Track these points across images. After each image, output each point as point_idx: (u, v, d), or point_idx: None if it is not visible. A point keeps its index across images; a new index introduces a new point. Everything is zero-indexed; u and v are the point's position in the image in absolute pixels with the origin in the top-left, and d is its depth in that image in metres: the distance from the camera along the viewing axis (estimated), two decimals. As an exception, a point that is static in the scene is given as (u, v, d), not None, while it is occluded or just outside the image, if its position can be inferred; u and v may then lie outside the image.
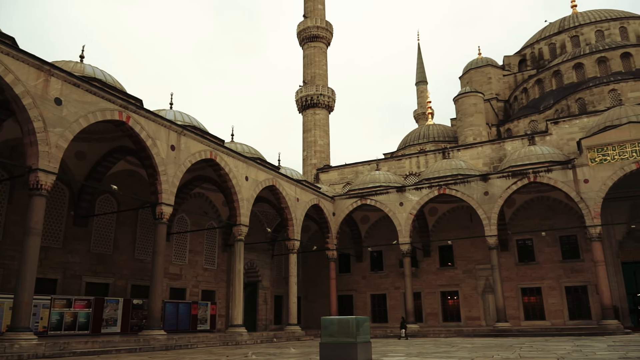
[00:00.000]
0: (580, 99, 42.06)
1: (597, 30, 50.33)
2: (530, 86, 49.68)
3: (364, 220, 40.35)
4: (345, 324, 12.63)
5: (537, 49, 54.49)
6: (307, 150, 48.39)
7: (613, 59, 44.24)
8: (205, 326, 27.91)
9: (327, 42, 52.56)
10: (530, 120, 45.46)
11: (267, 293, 35.88)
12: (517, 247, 35.63)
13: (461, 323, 35.66)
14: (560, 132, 37.19)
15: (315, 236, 39.58)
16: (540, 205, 35.15)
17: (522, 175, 31.74)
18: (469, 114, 45.19)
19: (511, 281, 34.59)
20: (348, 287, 40.00)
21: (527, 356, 15.33)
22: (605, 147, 29.97)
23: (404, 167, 42.92)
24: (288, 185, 31.82)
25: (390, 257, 38.91)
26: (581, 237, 32.91)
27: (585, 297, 32.80)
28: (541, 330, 30.62)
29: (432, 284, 37.48)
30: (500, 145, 39.50)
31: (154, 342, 19.89)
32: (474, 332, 31.44)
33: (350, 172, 45.10)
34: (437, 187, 34.13)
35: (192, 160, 23.73)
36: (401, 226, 34.58)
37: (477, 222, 33.24)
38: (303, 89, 49.89)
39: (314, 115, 49.04)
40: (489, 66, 53.90)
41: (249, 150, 33.69)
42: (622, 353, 15.63)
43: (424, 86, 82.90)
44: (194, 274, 29.96)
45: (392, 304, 38.52)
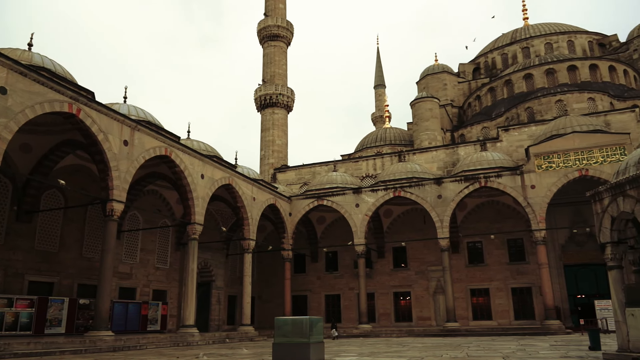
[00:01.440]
0: (529, 108, 43.84)
1: (547, 42, 52.62)
2: (483, 94, 51.32)
3: (320, 221, 40.52)
4: (298, 324, 12.65)
5: (491, 58, 56.40)
6: (264, 149, 48.11)
7: (560, 71, 46.37)
8: (156, 327, 27.22)
9: (288, 42, 52.45)
10: (482, 127, 46.96)
11: (221, 293, 35.41)
12: (468, 249, 36.73)
13: (412, 323, 36.40)
14: (510, 139, 38.62)
15: (271, 236, 39.41)
16: (490, 209, 36.37)
17: (474, 180, 32.76)
18: (424, 119, 46.19)
19: (461, 282, 35.62)
20: (303, 287, 40.04)
21: (475, 355, 15.83)
22: (551, 154, 31.41)
23: (360, 168, 43.39)
24: (245, 184, 31.53)
25: (345, 258, 39.24)
26: (527, 241, 34.28)
27: (530, 298, 34.20)
28: (488, 330, 31.70)
29: (386, 284, 38.07)
30: (454, 150, 40.61)
31: (101, 343, 19.24)
32: (425, 332, 32.18)
33: (307, 172, 45.18)
34: (393, 190, 34.72)
35: (146, 156, 23.13)
36: (357, 227, 34.95)
37: (430, 224, 34.03)
38: (262, 88, 49.58)
39: (273, 115, 48.82)
40: (444, 73, 55.30)
41: (205, 147, 33.16)
42: (563, 352, 16.40)
43: (382, 90, 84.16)
44: (145, 273, 29.19)
45: (346, 304, 38.86)
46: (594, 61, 46.90)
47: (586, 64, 46.40)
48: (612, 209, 13.34)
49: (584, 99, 41.86)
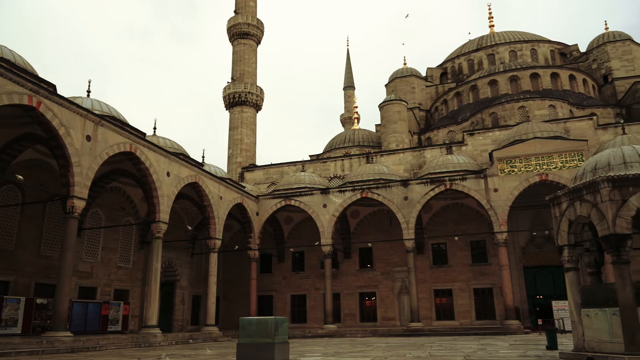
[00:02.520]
0: (493, 113, 44.97)
1: (511, 50, 54.12)
2: (450, 98, 52.34)
3: (287, 221, 40.43)
4: (263, 324, 12.59)
5: (458, 63, 57.57)
6: (232, 148, 47.66)
7: (523, 78, 47.76)
8: (117, 327, 26.59)
9: (258, 40, 52.14)
10: (448, 131, 47.89)
11: (185, 293, 34.88)
12: (432, 250, 37.37)
13: (377, 323, 36.77)
14: (475, 143, 39.51)
15: (238, 235, 39.08)
16: (454, 212, 37.11)
17: (440, 182, 33.36)
18: (392, 121, 46.74)
19: (425, 283, 36.21)
20: (269, 287, 39.87)
21: (437, 355, 16.12)
22: (514, 159, 32.31)
23: (329, 169, 43.54)
24: (212, 182, 31.17)
25: (312, 258, 39.29)
26: (489, 243, 35.14)
27: (491, 298, 35.08)
28: (451, 329, 32.33)
29: (352, 285, 38.32)
30: (421, 153, 41.24)
31: (59, 344, 18.64)
32: (389, 331, 32.55)
33: (275, 172, 45.02)
34: (360, 191, 34.99)
35: (109, 152, 22.55)
36: (324, 228, 35.05)
37: (396, 225, 34.46)
38: (231, 86, 49.11)
39: (242, 113, 48.42)
40: (413, 76, 56.10)
41: (172, 145, 32.59)
42: (521, 352, 16.88)
43: (351, 91, 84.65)
44: (107, 273, 28.45)
45: (312, 304, 38.91)
46: (555, 70, 48.52)
47: (548, 72, 47.94)
48: (569, 213, 13.82)
49: (545, 106, 43.24)
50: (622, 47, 50.11)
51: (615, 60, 49.83)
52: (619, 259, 12.23)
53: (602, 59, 50.73)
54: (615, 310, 12.12)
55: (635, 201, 12.26)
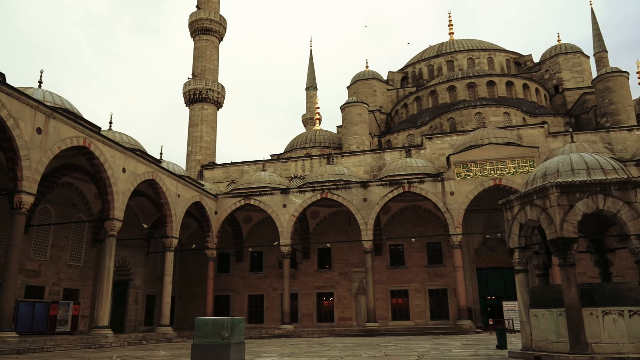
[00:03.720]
0: (451, 118, 46.12)
1: (469, 58, 55.68)
2: (410, 102, 53.29)
3: (246, 220, 40.09)
4: (219, 324, 12.42)
5: (418, 68, 58.72)
6: (192, 145, 46.83)
7: (480, 86, 49.22)
8: (66, 328, 25.61)
9: (220, 37, 51.47)
10: (408, 134, 48.74)
11: (139, 292, 33.99)
12: (390, 251, 37.93)
13: (334, 323, 36.98)
14: (433, 147, 40.39)
15: (195, 234, 38.44)
16: (412, 214, 37.80)
17: (398, 185, 33.91)
18: (354, 123, 47.14)
19: (382, 284, 36.71)
20: (226, 287, 39.41)
21: (392, 354, 16.38)
22: (469, 163, 33.24)
23: (289, 169, 43.47)
24: (169, 180, 30.53)
25: (271, 258, 39.11)
26: (445, 244, 36.00)
27: (445, 299, 35.94)
28: (406, 329, 32.91)
29: (310, 285, 38.39)
30: (381, 155, 41.79)
31: (4, 344, 17.78)
32: (346, 332, 32.80)
33: (235, 170, 44.56)
34: (320, 191, 35.11)
35: (61, 146, 21.71)
36: (283, 228, 34.96)
37: (355, 226, 34.77)
38: (192, 82, 48.25)
39: (202, 110, 47.65)
40: (374, 79, 56.77)
41: (128, 140, 31.70)
42: (473, 351, 17.37)
43: (313, 92, 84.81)
44: (56, 271, 27.36)
45: (269, 304, 38.73)
46: (510, 78, 50.27)
47: (503, 81, 49.61)
48: (520, 216, 14.34)
49: (500, 113, 44.70)
50: (573, 59, 52.45)
51: (566, 71, 52.11)
52: (565, 262, 12.79)
53: (554, 70, 52.93)
54: (562, 311, 12.66)
55: (581, 206, 12.85)
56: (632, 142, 36.96)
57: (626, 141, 37.21)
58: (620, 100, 42.75)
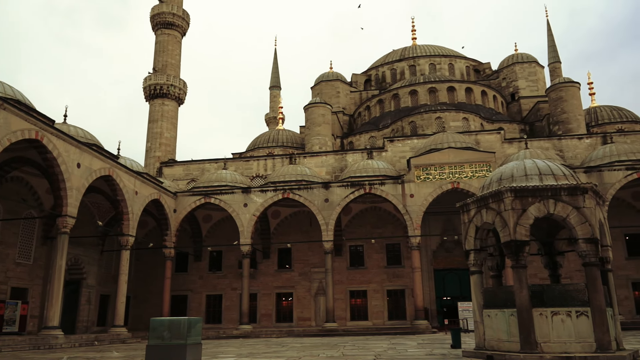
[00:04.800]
0: (412, 122, 46.95)
1: (431, 63, 56.86)
2: (373, 105, 53.90)
3: (206, 219, 39.51)
4: (176, 325, 12.20)
5: (381, 71, 59.47)
6: (151, 141, 45.75)
7: (441, 91, 50.35)
8: (14, 328, 24.55)
9: (183, 32, 50.52)
10: (370, 136, 49.28)
11: (92, 292, 32.93)
12: (350, 252, 38.22)
13: (293, 324, 36.94)
14: (394, 150, 41.00)
15: (153, 233, 37.58)
16: (372, 215, 38.23)
17: (360, 186, 34.24)
18: (317, 124, 47.27)
19: (342, 284, 36.95)
20: (184, 287, 38.70)
21: (350, 354, 16.52)
22: (429, 167, 33.94)
23: (251, 168, 43.14)
24: (127, 176, 29.73)
25: (230, 257, 38.70)
26: (404, 246, 36.59)
27: (403, 299, 36.53)
28: (364, 329, 33.25)
29: (269, 285, 38.21)
30: (343, 157, 42.08)
31: (-58, 347, 16.87)
32: (304, 332, 32.84)
33: (196, 168, 43.84)
34: (282, 191, 35.02)
35: (11, 138, 20.77)
36: (243, 227, 34.67)
37: (316, 227, 34.86)
38: (152, 77, 47.14)
39: (162, 106, 46.63)
40: (338, 81, 57.11)
41: (84, 134, 30.64)
42: (428, 350, 17.73)
43: (277, 91, 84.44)
44: (3, 269, 26.13)
45: (228, 304, 38.30)
46: (470, 85, 51.64)
47: (463, 87, 50.92)
48: (477, 219, 14.76)
49: (459, 118, 45.84)
50: (529, 68, 54.41)
51: (522, 80, 53.98)
52: (517, 264, 13.24)
53: (511, 78, 54.74)
54: (513, 311, 13.11)
55: (533, 210, 13.35)
56: (581, 150, 38.66)
57: (576, 149, 38.90)
58: (572, 109, 44.62)
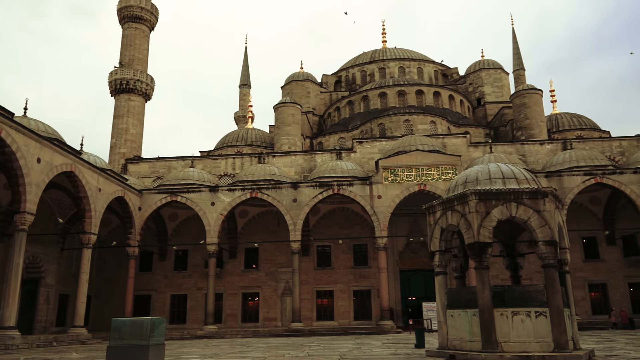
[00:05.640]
0: (381, 124, 47.42)
1: (400, 66, 57.60)
2: (342, 106, 54.18)
3: (172, 218, 38.86)
4: (138, 325, 11.95)
5: (352, 73, 59.85)
6: (116, 137, 44.66)
7: (410, 94, 51.06)
8: (-36, 329, 23.49)
9: (151, 26, 49.55)
10: (339, 137, 49.52)
11: (51, 291, 31.89)
12: (317, 252, 38.30)
13: (259, 324, 36.74)
14: (363, 151, 41.32)
15: (117, 231, 36.70)
16: (340, 215, 38.42)
17: (328, 187, 34.35)
18: (286, 124, 47.16)
19: (308, 284, 36.98)
20: (148, 286, 37.95)
21: (315, 354, 16.55)
22: (397, 169, 34.37)
23: (219, 167, 42.68)
24: (90, 173, 28.94)
25: (196, 257, 38.17)
26: (371, 247, 36.92)
27: (369, 300, 36.85)
28: (330, 329, 33.38)
29: (235, 285, 37.89)
30: (312, 157, 42.13)
31: None
32: (270, 332, 32.71)
33: (163, 166, 43.06)
34: (250, 190, 34.79)
35: (-33, 131, 19.94)
36: (210, 226, 34.27)
37: (284, 227, 34.78)
38: (119, 71, 46.05)
39: (129, 101, 45.60)
40: (308, 81, 57.15)
41: (45, 128, 29.67)
42: (393, 350, 17.94)
43: (247, 89, 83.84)
44: (-45, 267, 25.05)
45: (193, 304, 37.78)
46: (438, 89, 52.56)
47: (431, 91, 51.78)
48: (442, 221, 15.03)
49: (427, 121, 46.59)
50: (494, 74, 55.79)
51: (488, 85, 55.31)
52: (480, 265, 13.56)
53: (477, 84, 56.01)
54: (475, 312, 13.41)
55: (496, 213, 13.69)
56: (543, 155, 39.91)
57: (538, 154, 40.13)
58: (534, 115, 45.98)
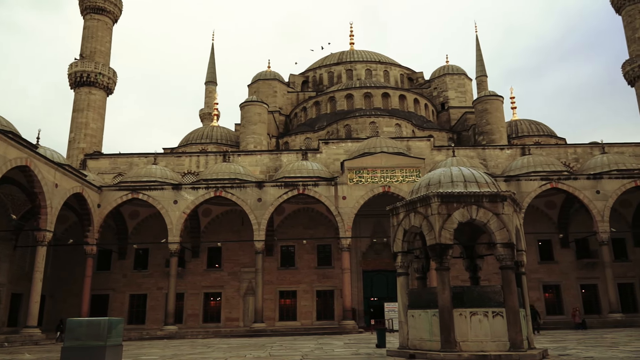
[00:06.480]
0: (347, 125, 47.73)
1: (367, 69, 58.15)
2: (309, 106, 54.23)
3: (133, 216, 37.95)
4: (95, 326, 11.63)
5: (319, 74, 60.01)
6: (75, 132, 43.23)
7: (376, 96, 51.60)
8: None
9: (115, 18, 48.24)
10: (305, 137, 49.54)
11: (3, 290, 30.62)
12: (281, 252, 38.19)
13: (220, 324, 36.33)
14: (329, 152, 41.48)
15: (74, 228, 35.56)
16: (305, 216, 38.44)
17: (293, 187, 34.32)
18: (252, 122, 46.83)
19: (272, 284, 36.83)
20: (106, 286, 36.92)
21: (277, 354, 16.51)
22: (362, 170, 34.67)
23: (183, 164, 41.97)
24: (46, 168, 27.93)
25: (157, 256, 37.40)
26: (335, 247, 37.09)
27: (332, 300, 37.02)
28: (292, 330, 33.35)
29: (197, 285, 37.34)
30: (278, 157, 41.99)
31: None
32: (232, 332, 32.42)
33: (124, 162, 41.97)
34: (214, 189, 34.37)
35: None
36: (173, 225, 33.66)
37: (248, 226, 34.51)
38: (79, 64, 44.60)
39: (89, 95, 44.24)
40: (275, 80, 56.93)
41: (-1, 121, 28.46)
42: (354, 350, 18.09)
43: (213, 87, 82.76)
44: None
45: (153, 304, 37.01)
46: (403, 92, 53.32)
47: (397, 94, 52.50)
48: (405, 222, 15.25)
49: (392, 124, 47.18)
50: (458, 80, 57.08)
51: (451, 90, 56.53)
52: (441, 266, 13.83)
53: (442, 89, 57.15)
54: (435, 312, 13.67)
55: (458, 215, 14.00)
56: (502, 160, 41.08)
57: (498, 158, 41.28)
58: (495, 121, 47.26)
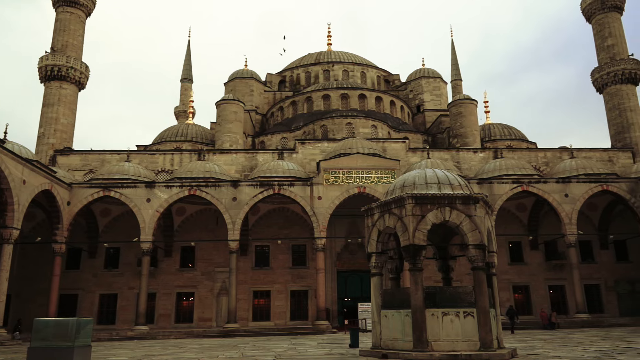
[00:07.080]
0: (324, 125, 47.79)
1: (345, 70, 58.36)
2: (286, 106, 54.10)
3: (104, 214, 37.20)
4: (63, 326, 11.37)
5: (296, 74, 59.93)
6: (45, 127, 42.12)
7: (353, 97, 51.83)
8: None
9: (88, 12, 47.17)
10: (282, 137, 49.39)
11: (-35, 290, 29.59)
12: (256, 252, 38.00)
13: (193, 324, 35.92)
14: (305, 152, 41.47)
15: (42, 226, 34.66)
16: (280, 216, 38.33)
17: (269, 186, 34.19)
18: (228, 121, 46.42)
19: (246, 284, 36.61)
20: (75, 285, 36.07)
21: (249, 355, 16.42)
22: (338, 170, 34.79)
23: (157, 162, 41.33)
24: (14, 163, 27.15)
25: (129, 255, 36.76)
26: (309, 247, 37.10)
27: (306, 300, 37.01)
28: (266, 330, 33.21)
29: (170, 284, 36.84)
30: (253, 156, 41.76)
31: None
32: (205, 332, 32.09)
33: (95, 159, 41.11)
34: (189, 188, 33.98)
35: None
36: (145, 223, 33.13)
37: (222, 225, 34.21)
38: (50, 57, 43.46)
39: (60, 89, 43.15)
40: (252, 79, 56.59)
41: (-36, 114, 27.55)
42: (327, 350, 18.13)
43: (188, 84, 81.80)
44: None
45: (124, 304, 36.34)
46: (380, 94, 53.68)
47: (373, 95, 52.82)
48: (380, 223, 15.36)
49: (368, 125, 47.45)
50: (434, 83, 57.76)
51: (427, 93, 57.16)
52: (414, 267, 13.98)
53: (417, 91, 57.75)
54: (408, 312, 13.81)
55: (431, 217, 14.18)
56: (476, 163, 41.78)
57: (471, 161, 41.97)
58: (469, 125, 48.01)
